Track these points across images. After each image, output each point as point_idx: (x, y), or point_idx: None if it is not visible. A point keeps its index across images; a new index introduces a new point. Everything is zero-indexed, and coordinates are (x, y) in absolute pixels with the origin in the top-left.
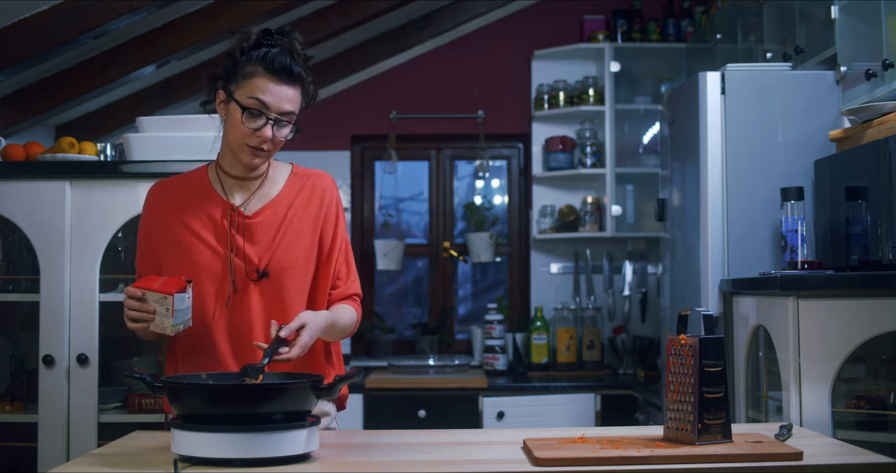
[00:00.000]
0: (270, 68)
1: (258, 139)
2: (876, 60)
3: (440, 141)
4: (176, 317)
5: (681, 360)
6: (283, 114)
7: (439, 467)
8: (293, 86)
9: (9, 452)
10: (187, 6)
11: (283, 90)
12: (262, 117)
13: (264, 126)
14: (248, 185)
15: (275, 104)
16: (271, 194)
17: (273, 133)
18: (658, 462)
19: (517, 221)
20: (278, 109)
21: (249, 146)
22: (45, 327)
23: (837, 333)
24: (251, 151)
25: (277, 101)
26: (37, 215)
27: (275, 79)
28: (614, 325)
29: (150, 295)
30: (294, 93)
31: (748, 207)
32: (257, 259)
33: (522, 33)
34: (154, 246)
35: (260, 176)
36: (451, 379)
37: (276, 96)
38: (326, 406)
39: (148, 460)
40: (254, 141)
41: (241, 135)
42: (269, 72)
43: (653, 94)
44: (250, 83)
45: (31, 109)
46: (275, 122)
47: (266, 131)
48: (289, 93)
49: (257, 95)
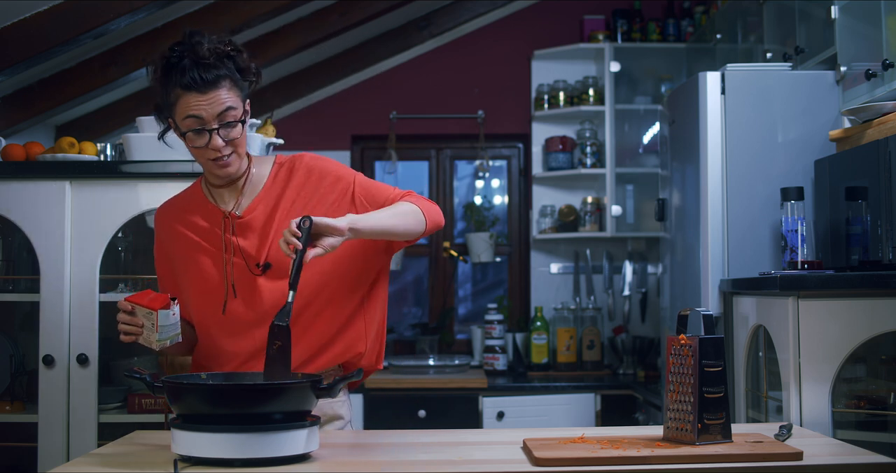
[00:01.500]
0: (185, 85)
1: (213, 152)
2: (876, 60)
3: (440, 141)
4: (161, 333)
5: (681, 360)
6: (222, 116)
7: (439, 467)
8: (217, 89)
9: (9, 452)
10: (187, 6)
11: (208, 98)
12: (204, 132)
13: (211, 138)
14: (234, 188)
15: (207, 112)
16: (258, 189)
17: (222, 139)
18: (658, 462)
19: (517, 221)
20: (213, 115)
21: (211, 160)
22: (45, 327)
23: (837, 333)
24: (216, 165)
25: (208, 109)
26: (37, 215)
27: (196, 93)
28: (614, 325)
29: (139, 309)
30: (221, 94)
31: (748, 207)
32: (255, 253)
33: (522, 33)
34: (171, 267)
35: (241, 176)
36: (451, 379)
37: (205, 106)
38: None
39: (148, 460)
40: (210, 154)
41: (199, 155)
42: (185, 90)
43: (653, 94)
44: (179, 106)
45: (31, 109)
46: (219, 127)
47: (215, 141)
48: (215, 98)
49: (188, 114)
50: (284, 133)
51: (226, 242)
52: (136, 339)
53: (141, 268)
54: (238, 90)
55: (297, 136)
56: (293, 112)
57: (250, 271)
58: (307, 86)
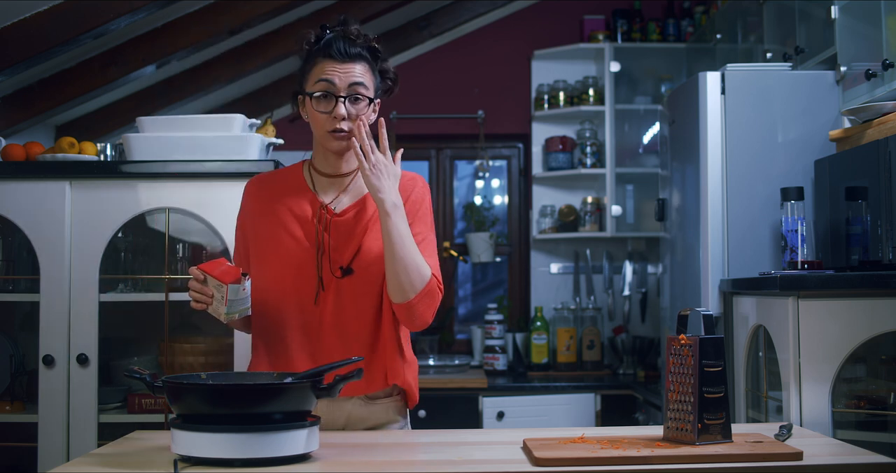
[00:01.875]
0: (328, 54)
1: (335, 121)
2: (876, 60)
3: (440, 141)
4: (230, 306)
5: (681, 360)
6: (353, 88)
7: (439, 467)
8: (355, 63)
9: (9, 452)
10: (187, 6)
11: (344, 68)
12: (332, 98)
13: (336, 105)
14: (339, 183)
15: (340, 80)
16: (362, 192)
17: (347, 109)
18: (658, 462)
19: (517, 221)
20: (345, 84)
21: (330, 132)
22: (45, 327)
23: (837, 333)
24: (334, 137)
25: (342, 77)
26: (37, 215)
27: (334, 62)
28: (614, 325)
29: (210, 279)
30: (359, 68)
31: (748, 207)
32: (342, 256)
33: (522, 33)
34: (246, 239)
35: (350, 173)
36: (451, 379)
37: (340, 72)
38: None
39: (148, 460)
40: (331, 124)
41: (320, 124)
42: (327, 57)
43: (653, 94)
44: (314, 72)
45: (31, 109)
46: (346, 98)
47: (339, 109)
48: (351, 69)
49: (321, 77)
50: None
51: (318, 235)
52: (206, 308)
53: (141, 268)
54: (372, 77)
55: (297, 136)
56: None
57: (331, 272)
58: None
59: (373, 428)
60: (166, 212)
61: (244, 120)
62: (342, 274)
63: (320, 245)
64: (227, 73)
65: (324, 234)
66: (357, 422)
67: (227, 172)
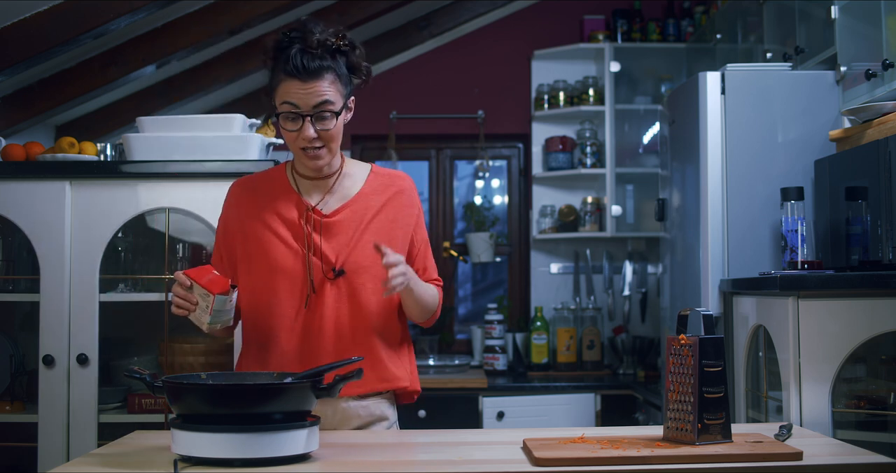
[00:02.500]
0: (288, 72)
1: (304, 140)
2: (876, 60)
3: (440, 141)
4: (214, 316)
5: (681, 360)
6: (319, 108)
7: (439, 467)
8: (318, 79)
9: (9, 452)
10: (187, 6)
11: (307, 87)
12: (298, 118)
13: (303, 125)
14: (323, 184)
15: (304, 101)
16: (350, 193)
17: (315, 129)
18: (658, 462)
19: (517, 221)
20: (309, 105)
21: (302, 149)
22: (45, 327)
23: (837, 333)
24: (306, 154)
25: (305, 98)
26: (37, 215)
27: (298, 81)
28: (614, 325)
29: (197, 287)
30: (321, 85)
31: (748, 207)
32: (334, 257)
33: (522, 33)
34: (230, 245)
35: (333, 174)
36: (451, 379)
37: (303, 94)
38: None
39: (148, 460)
40: (301, 142)
41: (290, 141)
42: (289, 75)
43: (653, 94)
44: (279, 91)
45: (31, 109)
46: (313, 117)
47: (306, 130)
48: (315, 88)
49: (286, 99)
50: None
51: (307, 238)
52: (188, 315)
53: (141, 268)
54: (341, 85)
55: None
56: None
57: (323, 274)
58: None
59: (364, 426)
60: (166, 212)
61: (244, 120)
62: (335, 276)
63: (310, 247)
64: (227, 73)
65: (313, 236)
66: (349, 420)
67: (227, 172)
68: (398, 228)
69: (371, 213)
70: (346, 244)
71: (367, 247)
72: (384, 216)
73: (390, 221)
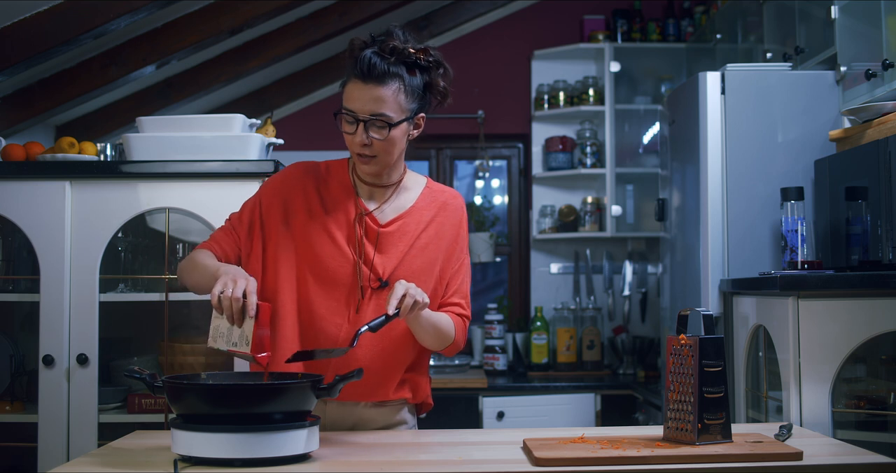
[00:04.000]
0: (357, 73)
1: (356, 145)
2: (876, 60)
3: (440, 141)
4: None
5: (681, 360)
6: (375, 116)
7: (439, 467)
8: (381, 85)
9: (9, 452)
10: (187, 6)
11: (369, 91)
12: (354, 122)
13: (357, 130)
14: (381, 193)
15: (360, 107)
16: (405, 206)
17: (367, 136)
18: (658, 462)
19: (517, 221)
20: (365, 111)
21: (356, 154)
22: (45, 327)
23: (837, 333)
24: (360, 160)
25: (362, 104)
26: (37, 215)
27: (361, 83)
28: (614, 325)
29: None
30: (383, 92)
31: (748, 207)
32: (382, 269)
33: (522, 33)
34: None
35: (392, 184)
36: (451, 379)
37: (361, 99)
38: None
39: (148, 460)
40: (355, 147)
41: (348, 144)
42: (356, 76)
43: (653, 94)
44: (346, 90)
45: (31, 109)
46: (367, 124)
47: (359, 136)
48: (375, 94)
49: (346, 102)
50: (284, 133)
51: (358, 243)
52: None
53: (141, 268)
54: (407, 98)
55: (297, 136)
56: (293, 112)
57: (369, 283)
58: (307, 86)
59: (382, 429)
60: (166, 212)
61: (244, 120)
62: (379, 287)
63: (362, 254)
64: (227, 73)
65: (365, 243)
66: (367, 423)
67: (227, 172)
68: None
69: (420, 228)
70: (395, 257)
71: (413, 262)
72: (433, 232)
73: (438, 238)
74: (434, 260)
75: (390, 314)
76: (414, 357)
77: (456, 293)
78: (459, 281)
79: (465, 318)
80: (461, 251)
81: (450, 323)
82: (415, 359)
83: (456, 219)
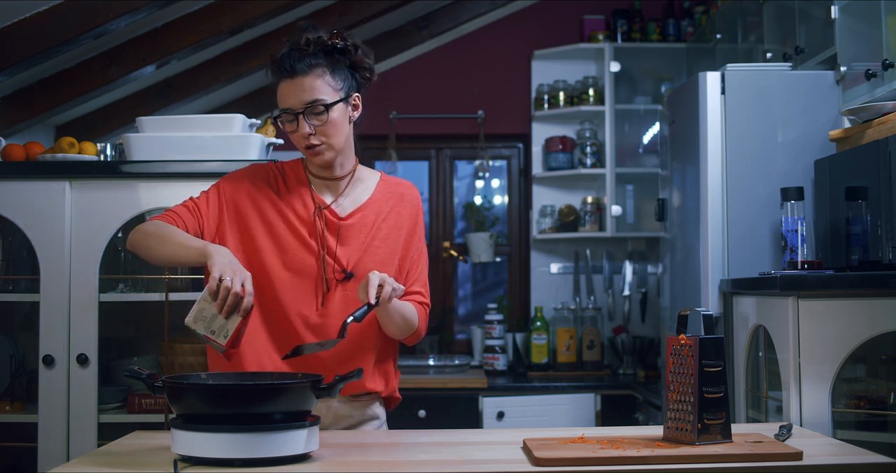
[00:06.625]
0: (282, 73)
1: (303, 139)
2: (876, 60)
3: (440, 141)
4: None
5: (681, 360)
6: (309, 104)
7: (439, 467)
8: (307, 75)
9: (9, 452)
10: (187, 6)
11: (297, 84)
12: (293, 118)
13: (299, 124)
14: (336, 186)
15: (294, 102)
16: (363, 198)
17: (310, 125)
18: (658, 462)
19: (517, 221)
20: (299, 104)
21: (306, 148)
22: (45, 327)
23: (837, 333)
24: (309, 152)
25: (295, 98)
26: (37, 215)
27: (288, 80)
28: (614, 325)
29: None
30: (310, 81)
31: (748, 207)
32: (345, 260)
33: (522, 33)
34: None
35: (345, 176)
36: (451, 379)
37: (293, 94)
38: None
39: (148, 460)
40: (301, 141)
41: (296, 142)
42: (283, 77)
43: (653, 94)
44: (278, 94)
45: (31, 109)
46: (305, 113)
47: (303, 128)
48: (304, 84)
49: (281, 104)
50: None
51: (320, 236)
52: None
53: (141, 268)
54: (335, 80)
55: None
56: None
57: (333, 275)
58: None
59: (354, 426)
60: None
61: (244, 120)
62: (344, 278)
63: (324, 246)
64: (227, 73)
65: (326, 236)
66: (340, 420)
67: (226, 172)
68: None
69: (380, 219)
70: (357, 248)
71: (376, 252)
72: (391, 223)
73: (396, 229)
74: (394, 249)
75: (372, 303)
76: (381, 345)
77: (416, 281)
78: (419, 269)
79: (425, 306)
80: (420, 240)
81: (413, 311)
82: (382, 349)
83: (413, 210)
